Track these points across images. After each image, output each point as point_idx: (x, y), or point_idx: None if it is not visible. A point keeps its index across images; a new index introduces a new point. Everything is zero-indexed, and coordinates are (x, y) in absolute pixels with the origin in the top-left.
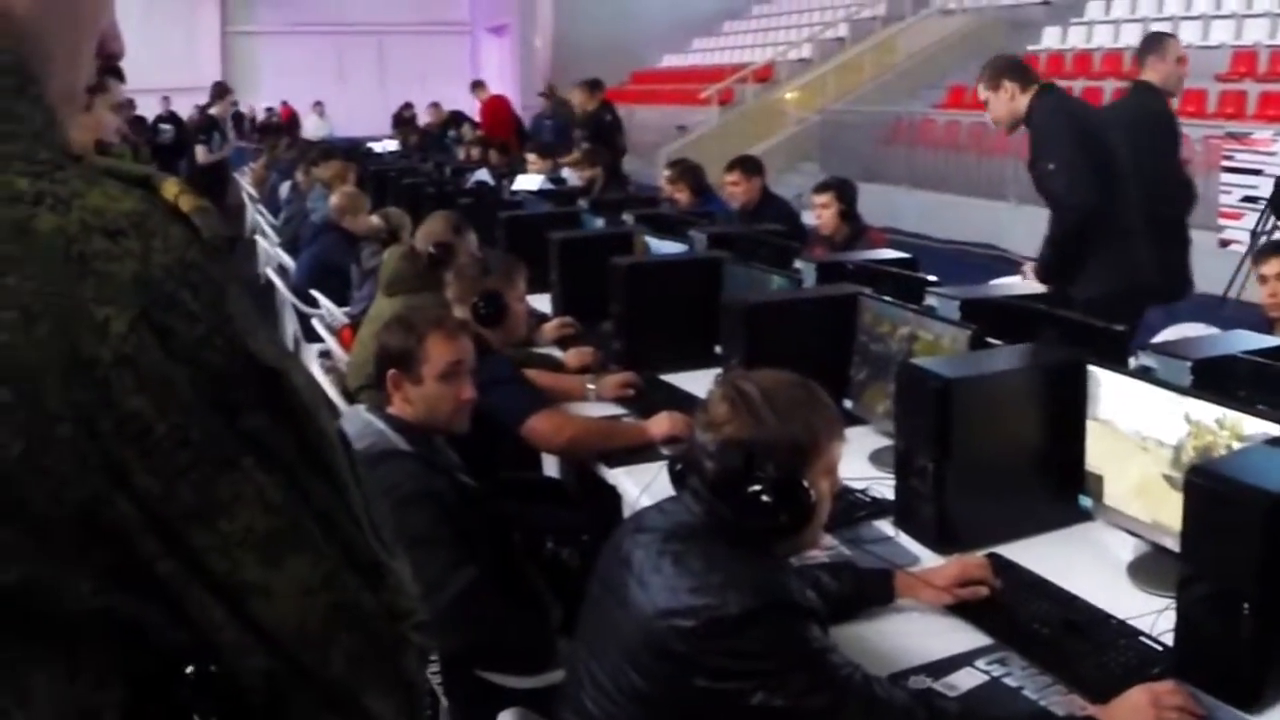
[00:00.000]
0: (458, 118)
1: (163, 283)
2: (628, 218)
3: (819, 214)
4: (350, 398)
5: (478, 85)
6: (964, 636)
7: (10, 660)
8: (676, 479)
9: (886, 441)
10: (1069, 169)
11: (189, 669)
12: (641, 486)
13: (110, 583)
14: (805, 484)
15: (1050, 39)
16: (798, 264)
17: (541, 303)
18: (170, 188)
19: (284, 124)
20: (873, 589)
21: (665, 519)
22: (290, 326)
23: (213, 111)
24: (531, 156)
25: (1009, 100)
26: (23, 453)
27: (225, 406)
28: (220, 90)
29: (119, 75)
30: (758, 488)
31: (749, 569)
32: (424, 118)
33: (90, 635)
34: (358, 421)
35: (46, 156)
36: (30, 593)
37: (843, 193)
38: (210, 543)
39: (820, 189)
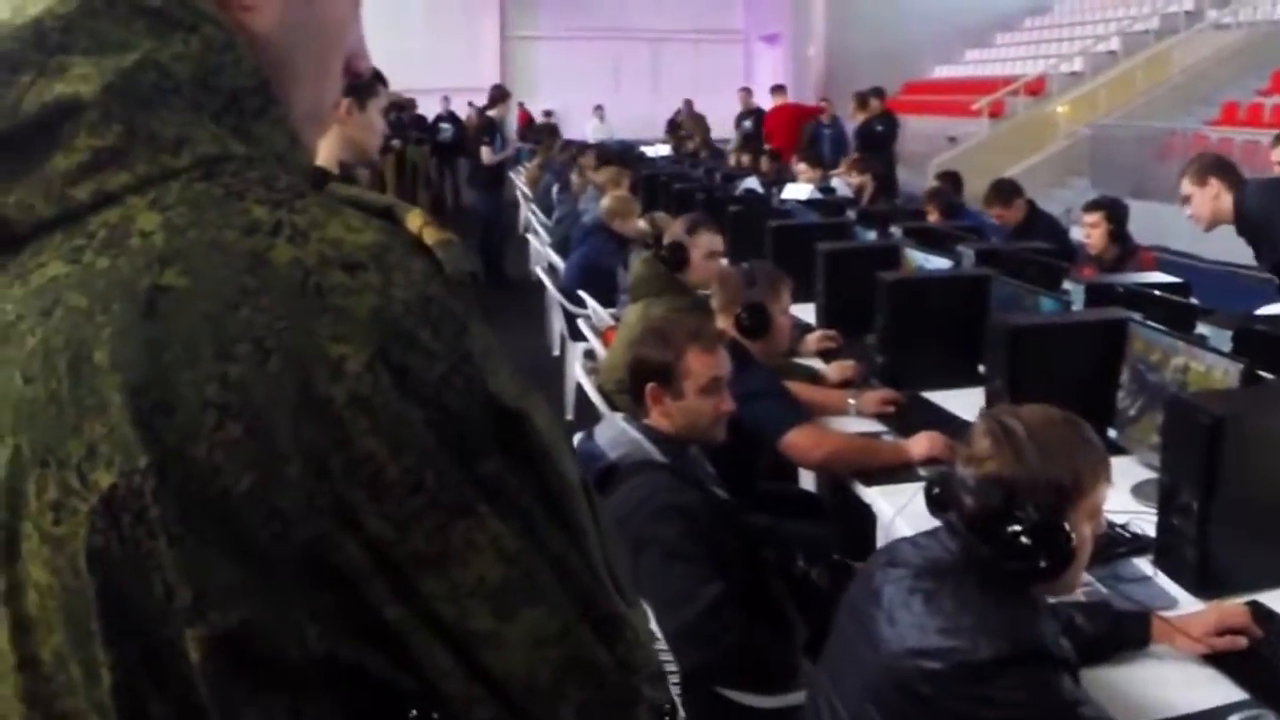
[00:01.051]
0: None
1: (401, 320)
2: (895, 230)
3: (1088, 233)
4: (609, 398)
5: (777, 89)
6: (1219, 689)
7: (231, 705)
8: (933, 503)
9: (1150, 474)
10: None
11: (413, 713)
12: (897, 508)
13: (336, 628)
14: (1067, 527)
15: None
16: (1066, 284)
17: (806, 313)
18: (414, 219)
19: (551, 127)
20: (1128, 633)
21: (919, 554)
22: (557, 325)
23: (491, 114)
24: (802, 165)
25: (1213, 198)
26: (249, 489)
27: (463, 450)
28: (499, 93)
29: (382, 80)
30: (1017, 528)
31: (1003, 613)
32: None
33: (313, 680)
34: (614, 429)
35: (286, 183)
36: (253, 636)
37: (1113, 212)
38: (441, 590)
39: (1090, 207)
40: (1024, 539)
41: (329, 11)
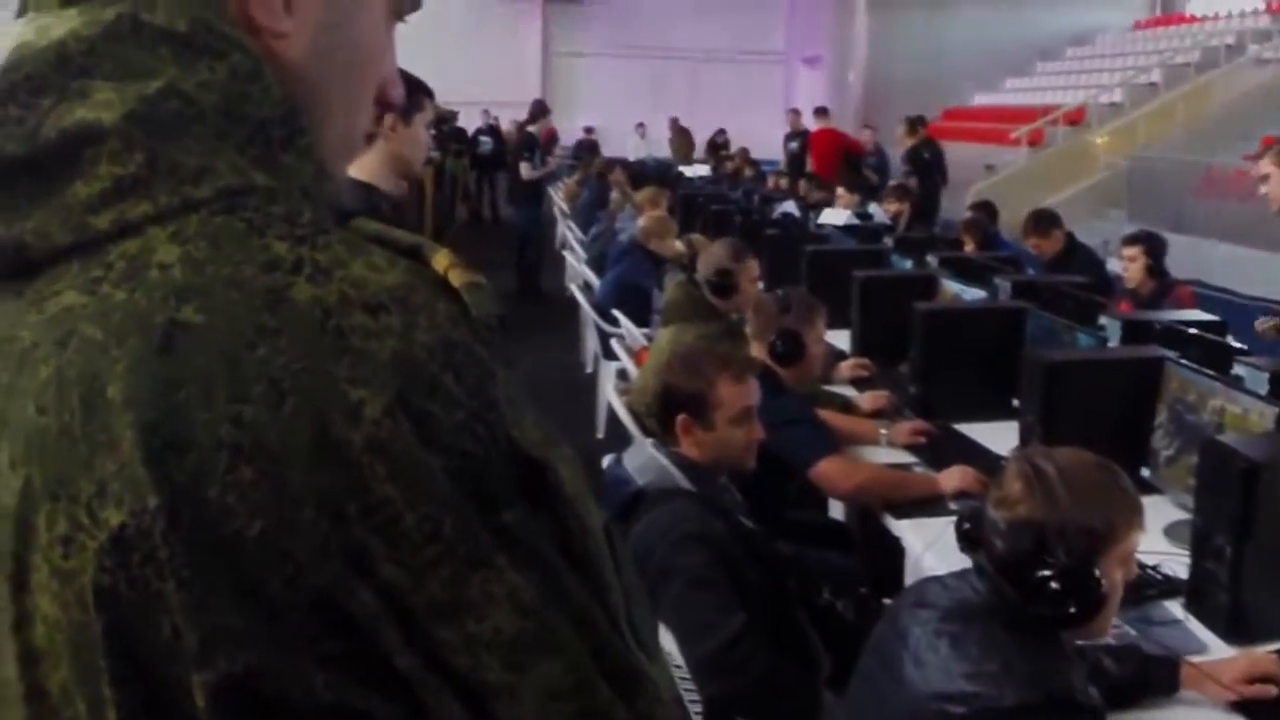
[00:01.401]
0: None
1: (424, 364)
2: (932, 259)
3: (1126, 266)
4: (639, 419)
5: (820, 112)
6: None
7: None
8: (963, 539)
9: (1184, 515)
10: None
11: None
12: (926, 543)
13: (345, 675)
14: (1097, 573)
15: None
16: (1102, 320)
17: (840, 340)
18: (441, 259)
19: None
20: (1156, 678)
21: (947, 595)
22: (591, 343)
23: (531, 129)
24: (840, 190)
25: None
26: (261, 533)
27: (482, 499)
28: (540, 109)
29: (429, 93)
30: (1047, 573)
31: (1029, 659)
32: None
33: None
34: (643, 455)
35: (310, 219)
36: (261, 681)
37: (1151, 246)
38: (455, 640)
39: (1129, 241)
40: (1053, 584)
41: (361, 39)
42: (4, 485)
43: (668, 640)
